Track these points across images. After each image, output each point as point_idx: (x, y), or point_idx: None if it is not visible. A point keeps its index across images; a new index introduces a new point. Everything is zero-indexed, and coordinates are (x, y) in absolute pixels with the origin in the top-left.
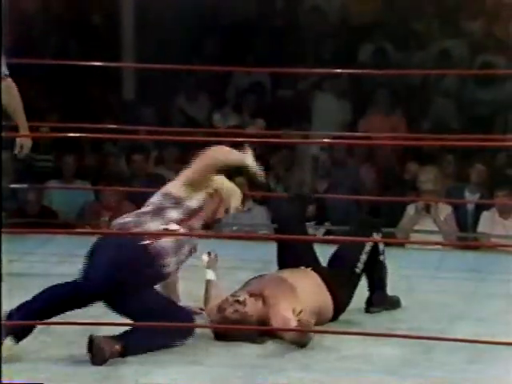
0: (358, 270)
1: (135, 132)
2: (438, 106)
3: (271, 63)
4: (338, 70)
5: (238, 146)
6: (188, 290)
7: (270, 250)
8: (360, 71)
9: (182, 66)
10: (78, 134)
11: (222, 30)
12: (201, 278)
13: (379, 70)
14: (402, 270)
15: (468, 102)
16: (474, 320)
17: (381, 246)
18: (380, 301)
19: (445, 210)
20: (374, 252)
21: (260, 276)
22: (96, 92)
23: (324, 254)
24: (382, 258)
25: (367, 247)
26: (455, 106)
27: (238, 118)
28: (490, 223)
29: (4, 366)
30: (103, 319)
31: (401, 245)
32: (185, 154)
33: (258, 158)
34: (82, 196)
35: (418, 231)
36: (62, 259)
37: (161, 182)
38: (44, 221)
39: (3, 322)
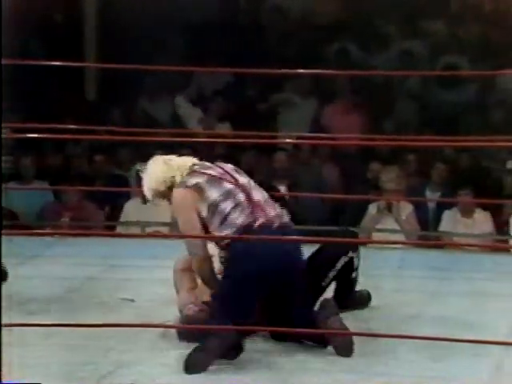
0: (324, 284)
1: (97, 132)
2: (401, 106)
3: (234, 63)
4: (302, 71)
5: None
6: None
7: None
8: (323, 71)
9: (144, 66)
10: (36, 135)
11: (185, 30)
12: None
13: (342, 69)
14: (365, 269)
15: (431, 103)
16: (437, 318)
17: (355, 262)
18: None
19: (406, 209)
20: (348, 269)
21: None
22: (58, 92)
23: None
24: (354, 274)
25: (339, 265)
26: (418, 107)
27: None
28: (452, 222)
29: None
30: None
31: (363, 244)
32: (141, 155)
33: (228, 157)
34: (41, 197)
35: (380, 230)
36: (21, 261)
37: (122, 183)
38: (5, 222)
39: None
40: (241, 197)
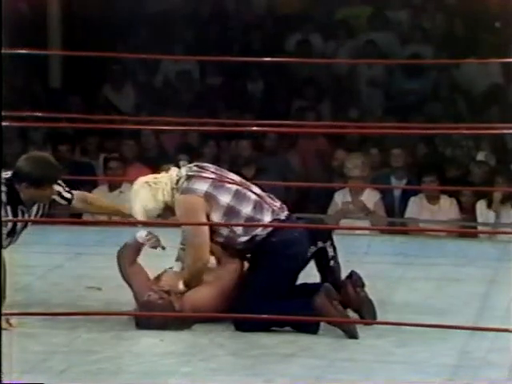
0: None
1: (60, 120)
2: (365, 95)
3: (198, 52)
4: (267, 59)
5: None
6: None
7: None
8: (287, 59)
9: (108, 53)
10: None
11: (150, 19)
12: None
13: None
14: None
15: (396, 92)
16: (402, 304)
17: (329, 252)
18: None
19: (373, 198)
20: (322, 258)
21: None
22: (22, 80)
23: None
24: (332, 263)
25: (308, 254)
26: (383, 96)
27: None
28: (417, 208)
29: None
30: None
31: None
32: (108, 143)
33: (190, 147)
34: None
35: (347, 217)
36: None
37: (87, 170)
38: None
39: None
40: (251, 195)
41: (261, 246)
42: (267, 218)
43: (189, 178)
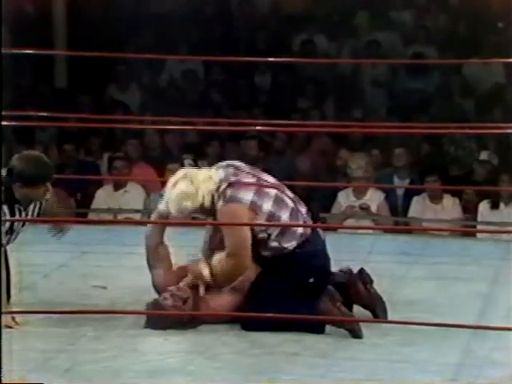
0: None
1: (65, 120)
2: (368, 95)
3: (203, 52)
4: (271, 59)
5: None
6: None
7: None
8: (291, 60)
9: (113, 53)
10: (7, 123)
11: (154, 19)
12: None
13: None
14: (335, 255)
15: (399, 92)
16: (406, 303)
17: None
18: None
19: (377, 198)
20: None
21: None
22: (28, 80)
23: None
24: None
25: None
26: (386, 96)
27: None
28: (420, 208)
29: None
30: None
31: (333, 230)
32: (112, 142)
33: (194, 146)
34: None
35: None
36: None
37: (92, 169)
38: None
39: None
40: (288, 202)
41: (284, 255)
42: (300, 229)
43: (231, 184)
